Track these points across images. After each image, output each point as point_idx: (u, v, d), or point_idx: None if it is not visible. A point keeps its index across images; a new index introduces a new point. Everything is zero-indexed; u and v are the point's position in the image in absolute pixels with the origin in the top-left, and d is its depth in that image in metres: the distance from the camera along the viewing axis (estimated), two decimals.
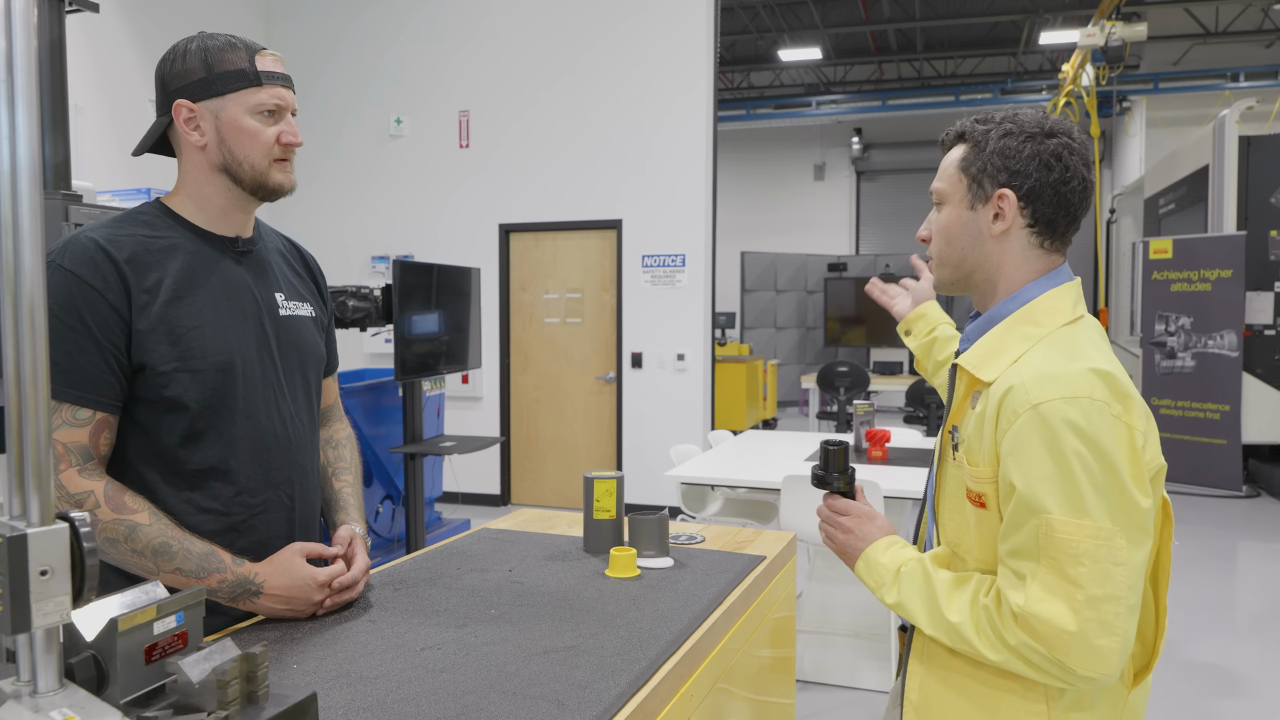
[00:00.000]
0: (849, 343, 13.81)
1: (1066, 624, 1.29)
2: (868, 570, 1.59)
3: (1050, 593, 1.31)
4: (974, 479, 1.43)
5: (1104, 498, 1.30)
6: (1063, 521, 1.30)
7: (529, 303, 8.08)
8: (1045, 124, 1.48)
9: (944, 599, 1.44)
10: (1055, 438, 1.31)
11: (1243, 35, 14.31)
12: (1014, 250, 1.50)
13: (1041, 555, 1.32)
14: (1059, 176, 1.46)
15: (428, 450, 5.11)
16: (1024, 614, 1.32)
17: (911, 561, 1.53)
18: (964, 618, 1.41)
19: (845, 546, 1.64)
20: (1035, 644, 1.32)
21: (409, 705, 1.36)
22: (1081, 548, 1.29)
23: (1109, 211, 15.33)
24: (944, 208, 1.55)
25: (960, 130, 1.55)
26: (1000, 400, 1.38)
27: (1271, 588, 6.03)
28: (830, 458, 1.70)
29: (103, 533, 1.58)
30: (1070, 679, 1.33)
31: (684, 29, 7.44)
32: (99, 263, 1.62)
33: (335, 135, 8.47)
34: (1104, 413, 1.32)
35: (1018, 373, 1.39)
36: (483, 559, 2.15)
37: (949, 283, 1.59)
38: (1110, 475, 1.30)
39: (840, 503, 1.68)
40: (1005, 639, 1.36)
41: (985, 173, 1.49)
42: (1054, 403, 1.32)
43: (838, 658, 4.27)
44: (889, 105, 16.62)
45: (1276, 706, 4.15)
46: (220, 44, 1.71)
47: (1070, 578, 1.30)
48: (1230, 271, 8.51)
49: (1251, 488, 8.68)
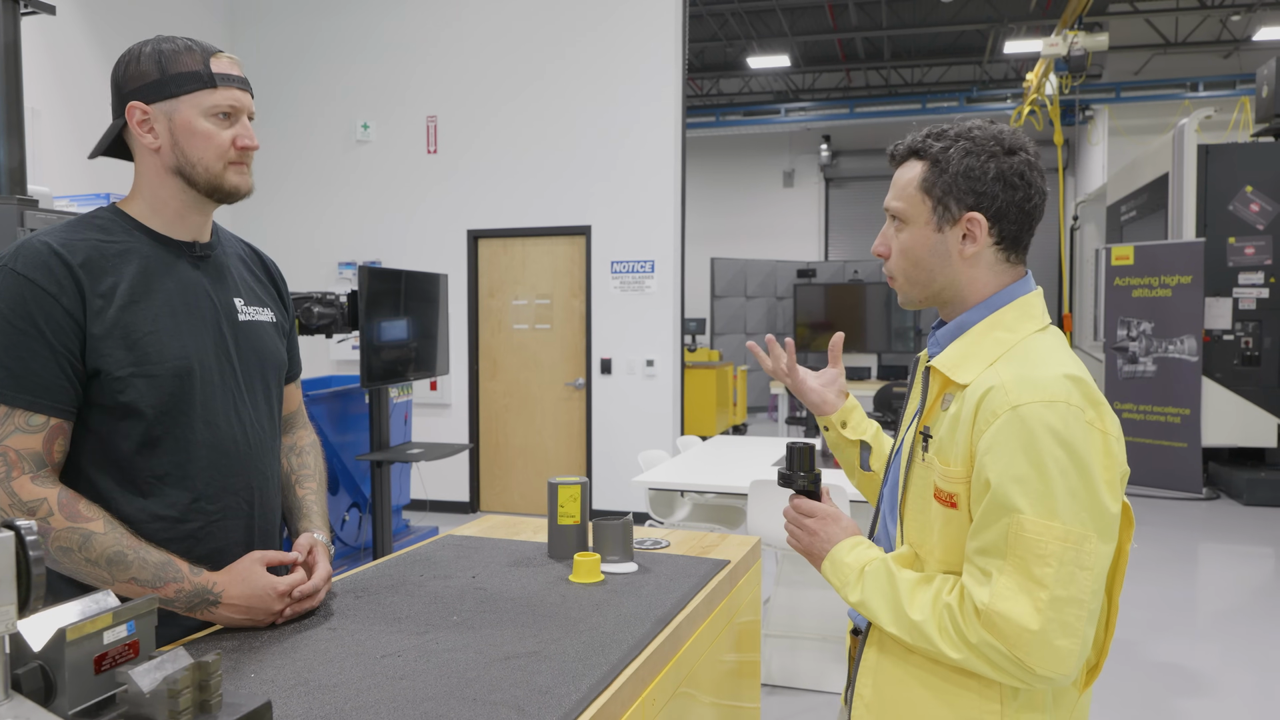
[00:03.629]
0: (819, 348, 13.85)
1: (1029, 622, 1.31)
2: (833, 570, 1.59)
3: (1015, 591, 1.32)
4: (946, 479, 1.44)
5: (1076, 501, 1.32)
6: (1033, 522, 1.31)
7: (498, 309, 8.05)
8: (1004, 140, 1.48)
9: (907, 597, 1.45)
10: (1033, 440, 1.33)
11: (1202, 46, 14.56)
12: (982, 267, 1.51)
13: (1009, 554, 1.33)
14: (1023, 195, 1.48)
15: (395, 457, 5.07)
16: (987, 611, 1.34)
17: (875, 561, 1.54)
18: (926, 615, 1.42)
19: (810, 547, 1.64)
20: (996, 641, 1.33)
21: (367, 713, 1.34)
22: (1049, 549, 1.31)
23: (1072, 219, 15.51)
24: (907, 228, 1.54)
25: (913, 147, 1.54)
26: (979, 401, 1.39)
27: (1231, 588, 6.12)
28: (795, 457, 1.71)
29: (56, 541, 1.56)
30: (1028, 678, 1.34)
31: (653, 35, 7.45)
32: (53, 267, 1.59)
33: (302, 140, 8.41)
34: (1079, 418, 1.34)
35: (997, 375, 1.40)
36: (446, 565, 2.14)
37: (917, 300, 1.58)
38: (1084, 479, 1.32)
39: (806, 503, 1.68)
40: (966, 636, 1.37)
41: (951, 194, 1.48)
42: (1033, 405, 1.34)
43: (805, 661, 4.28)
44: (857, 113, 16.74)
45: (1236, 705, 4.21)
46: (176, 47, 1.69)
47: (1036, 577, 1.31)
48: (1190, 277, 8.64)
49: (1211, 490, 8.81)
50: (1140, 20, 13.94)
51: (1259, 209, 8.81)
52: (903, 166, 1.56)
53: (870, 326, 13.65)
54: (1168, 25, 14.28)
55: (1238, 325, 8.87)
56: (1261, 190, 8.80)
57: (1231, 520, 7.83)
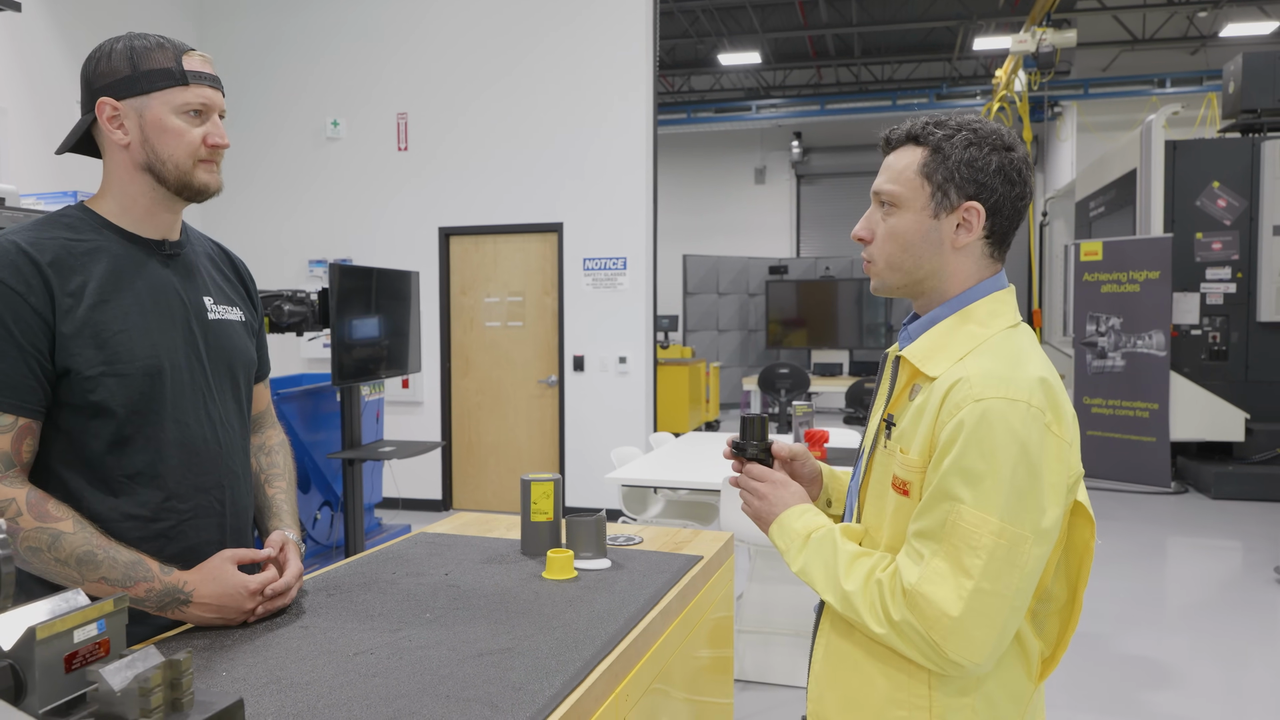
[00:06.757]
0: (790, 345, 13.94)
1: (949, 608, 1.34)
2: (780, 533, 1.61)
3: (943, 576, 1.35)
4: (903, 466, 1.46)
5: (1020, 501, 1.34)
6: (972, 513, 1.34)
7: (470, 306, 8.03)
8: (1003, 135, 1.50)
9: (844, 567, 1.48)
10: (989, 434, 1.34)
11: (1169, 42, 14.71)
12: (969, 259, 1.52)
13: (944, 540, 1.36)
14: (1018, 192, 1.49)
15: (366, 456, 5.05)
16: (913, 591, 1.37)
17: (823, 529, 1.56)
18: (857, 587, 1.45)
19: (760, 512, 1.67)
20: (915, 621, 1.36)
21: (340, 711, 1.35)
22: (982, 542, 1.33)
23: (1042, 214, 15.64)
24: (899, 213, 1.52)
25: (912, 132, 1.53)
26: (946, 392, 1.41)
27: (1199, 582, 6.19)
28: (748, 427, 1.76)
29: (25, 541, 1.55)
30: (940, 662, 1.37)
31: (624, 32, 7.45)
32: (20, 266, 1.58)
33: (271, 138, 8.35)
34: (1038, 420, 1.35)
35: (964, 368, 1.41)
36: (419, 563, 2.14)
37: (893, 287, 1.57)
38: (1032, 481, 1.34)
39: (757, 469, 1.71)
40: (890, 613, 1.40)
41: (952, 182, 1.48)
42: (996, 401, 1.35)
43: (778, 657, 4.31)
44: (828, 109, 16.82)
45: (1203, 697, 4.27)
46: (149, 44, 1.69)
47: (964, 567, 1.34)
48: (1158, 273, 8.73)
49: (1180, 484, 8.90)
50: (1108, 17, 14.08)
51: (1226, 204, 8.91)
52: (897, 152, 1.55)
53: (842, 323, 13.73)
54: (1135, 22, 14.43)
55: (1205, 320, 8.97)
56: (1228, 186, 8.90)
57: (1199, 514, 7.92)
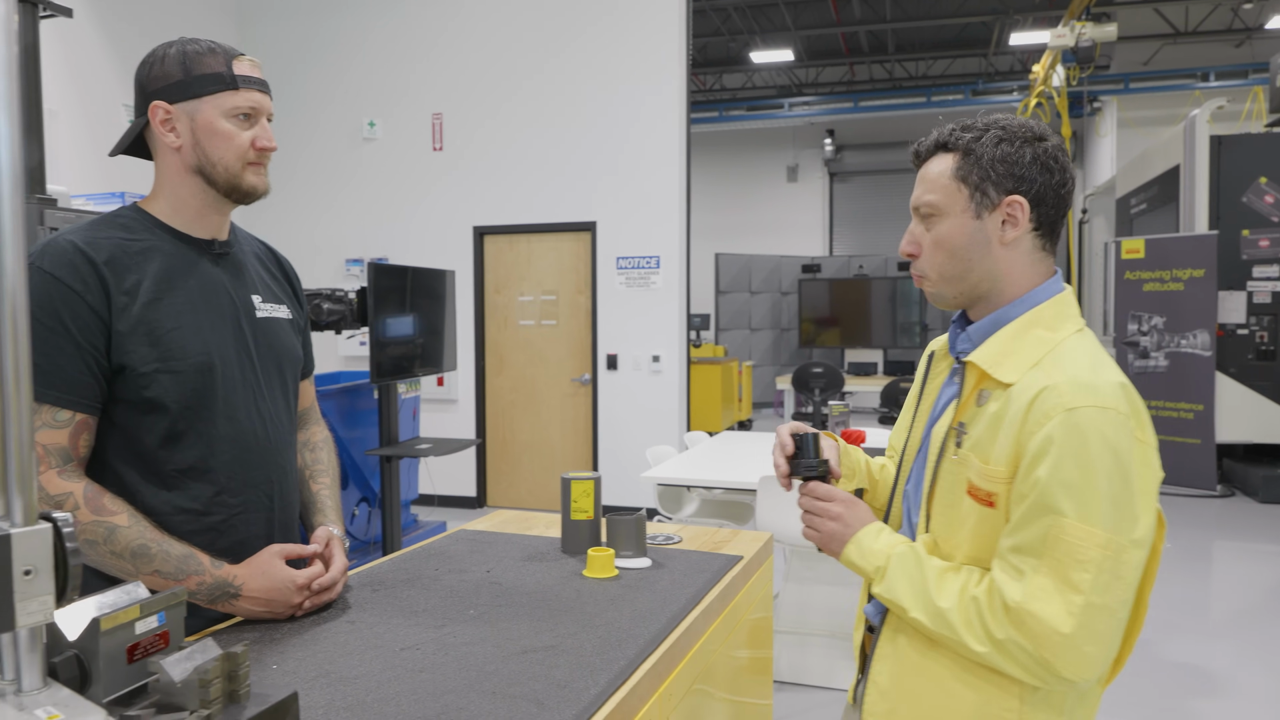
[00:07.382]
0: (824, 344, 13.88)
1: (1061, 625, 1.31)
2: (860, 555, 1.55)
3: (1050, 592, 1.32)
4: (985, 477, 1.42)
5: (1119, 510, 1.32)
6: (1076, 526, 1.31)
7: (504, 305, 8.07)
8: (1032, 127, 1.49)
9: (934, 585, 1.44)
10: (1085, 445, 1.32)
11: (1212, 35, 14.46)
12: (1021, 255, 1.50)
13: (1046, 554, 1.32)
14: (1059, 179, 1.48)
15: (403, 453, 5.10)
16: (1019, 609, 1.33)
17: (903, 546, 1.52)
18: (952, 604, 1.42)
19: (835, 534, 1.59)
20: (1023, 640, 1.33)
21: (389, 705, 1.37)
22: (1089, 555, 1.30)
23: (1081, 212, 15.47)
24: (941, 220, 1.51)
25: (940, 140, 1.52)
26: (1031, 401, 1.37)
27: (1246, 587, 6.09)
28: (808, 444, 1.66)
29: (82, 534, 1.58)
30: (1051, 680, 1.35)
31: (656, 31, 7.46)
32: (78, 265, 1.62)
33: (308, 138, 8.43)
34: (1126, 426, 1.34)
35: (1049, 375, 1.39)
36: (460, 560, 2.16)
37: (951, 298, 1.55)
38: (1127, 489, 1.32)
39: (822, 488, 1.63)
40: (992, 632, 1.37)
41: (989, 180, 1.47)
42: (1088, 410, 1.33)
43: (814, 658, 4.30)
44: (861, 106, 16.69)
45: (1251, 705, 4.19)
46: (200, 49, 1.72)
47: (1072, 582, 1.31)
48: (1203, 271, 8.56)
49: (1226, 487, 8.71)
50: (1149, 9, 13.86)
51: (1273, 201, 8.71)
52: (930, 162, 1.54)
53: (875, 322, 13.65)
54: (1177, 14, 14.20)
55: (1252, 319, 8.74)
56: (1276, 182, 8.68)
57: (1246, 518, 7.76)
